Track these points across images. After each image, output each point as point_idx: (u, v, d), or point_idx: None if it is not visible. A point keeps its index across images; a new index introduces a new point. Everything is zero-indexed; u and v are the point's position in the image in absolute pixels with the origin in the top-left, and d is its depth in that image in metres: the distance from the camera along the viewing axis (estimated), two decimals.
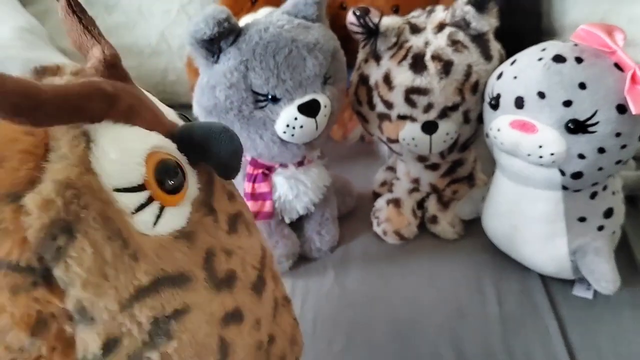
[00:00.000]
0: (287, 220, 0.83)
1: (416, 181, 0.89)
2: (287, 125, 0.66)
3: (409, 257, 0.84)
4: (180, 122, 0.40)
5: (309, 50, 0.66)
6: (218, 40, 0.64)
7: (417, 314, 0.74)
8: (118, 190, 0.31)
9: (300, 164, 0.77)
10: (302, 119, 0.66)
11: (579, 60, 0.60)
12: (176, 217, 0.35)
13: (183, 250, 0.35)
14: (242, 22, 0.69)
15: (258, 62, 0.64)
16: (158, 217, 0.33)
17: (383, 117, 0.77)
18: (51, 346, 0.31)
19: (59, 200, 0.29)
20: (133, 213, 0.32)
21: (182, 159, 0.36)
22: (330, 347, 0.70)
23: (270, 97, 0.66)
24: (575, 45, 0.63)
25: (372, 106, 0.77)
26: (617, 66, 0.59)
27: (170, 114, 0.40)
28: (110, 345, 0.31)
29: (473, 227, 0.85)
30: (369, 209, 0.91)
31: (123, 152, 0.32)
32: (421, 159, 0.83)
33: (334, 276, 0.81)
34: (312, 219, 0.85)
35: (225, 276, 0.38)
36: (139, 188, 0.32)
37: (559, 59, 0.61)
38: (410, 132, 0.75)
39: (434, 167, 0.86)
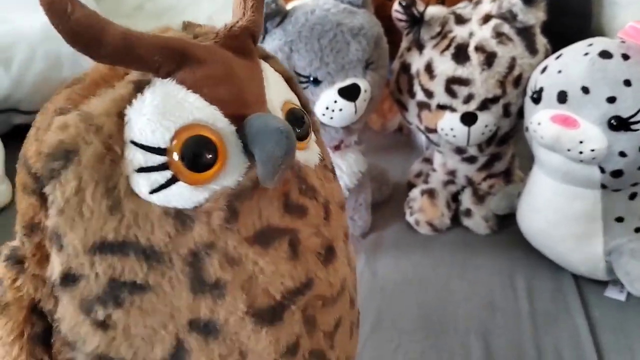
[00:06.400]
0: None
1: (452, 173, 0.89)
2: (327, 108, 0.68)
3: (441, 249, 0.84)
4: (275, 111, 0.37)
5: (353, 35, 0.67)
6: (265, 20, 0.66)
7: (447, 304, 0.74)
8: (134, 143, 0.31)
9: (337, 147, 0.78)
10: (341, 102, 0.68)
11: (625, 57, 0.59)
12: (184, 196, 0.32)
13: (168, 230, 0.32)
14: (289, 6, 0.70)
15: (303, 44, 0.65)
16: (163, 186, 0.32)
17: (422, 105, 0.77)
18: (32, 252, 0.33)
19: (72, 129, 0.31)
20: (136, 171, 0.31)
21: (235, 146, 0.33)
22: None
23: (312, 79, 0.67)
24: (623, 42, 0.62)
25: (412, 94, 0.78)
26: None
27: (274, 100, 0.37)
28: (68, 278, 0.32)
29: (507, 222, 0.85)
30: (404, 199, 0.92)
31: (158, 111, 0.32)
32: (459, 150, 0.83)
33: (364, 261, 0.82)
34: (345, 204, 0.86)
35: (214, 283, 0.33)
36: (157, 151, 0.31)
37: (605, 54, 0.60)
38: (449, 122, 0.75)
39: (471, 159, 0.85)
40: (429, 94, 0.75)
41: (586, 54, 0.62)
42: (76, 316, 0.33)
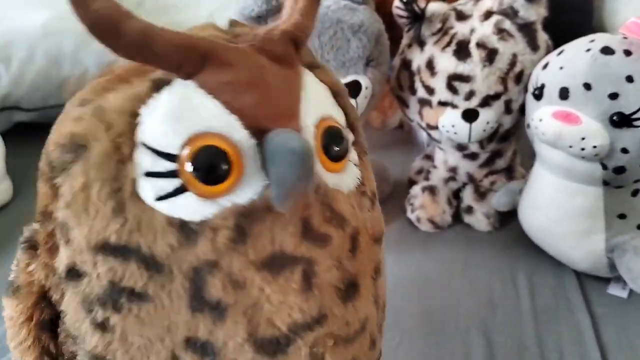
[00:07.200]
0: None
1: (453, 170, 0.89)
2: None
3: (442, 246, 0.84)
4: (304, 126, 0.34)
5: (354, 32, 0.67)
6: (266, 17, 0.66)
7: (449, 301, 0.74)
8: (145, 146, 0.30)
9: None
10: None
11: (627, 53, 0.59)
12: (191, 208, 0.30)
13: (170, 242, 0.30)
14: None
15: None
16: (170, 194, 0.30)
17: (424, 102, 0.77)
18: (45, 240, 0.33)
19: (84, 122, 0.30)
20: (145, 175, 0.30)
21: (253, 161, 0.31)
22: None
23: None
24: (625, 37, 0.62)
25: (413, 91, 0.78)
26: None
27: (310, 116, 0.34)
28: (73, 273, 0.31)
29: (508, 219, 0.85)
30: (405, 196, 0.92)
31: (172, 114, 0.30)
32: (460, 147, 0.83)
33: None
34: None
35: (215, 304, 0.31)
36: (167, 157, 0.30)
37: (607, 50, 0.60)
38: (450, 119, 0.75)
39: (472, 156, 0.85)
40: (430, 90, 0.75)
41: (588, 50, 0.62)
42: (78, 312, 0.32)
